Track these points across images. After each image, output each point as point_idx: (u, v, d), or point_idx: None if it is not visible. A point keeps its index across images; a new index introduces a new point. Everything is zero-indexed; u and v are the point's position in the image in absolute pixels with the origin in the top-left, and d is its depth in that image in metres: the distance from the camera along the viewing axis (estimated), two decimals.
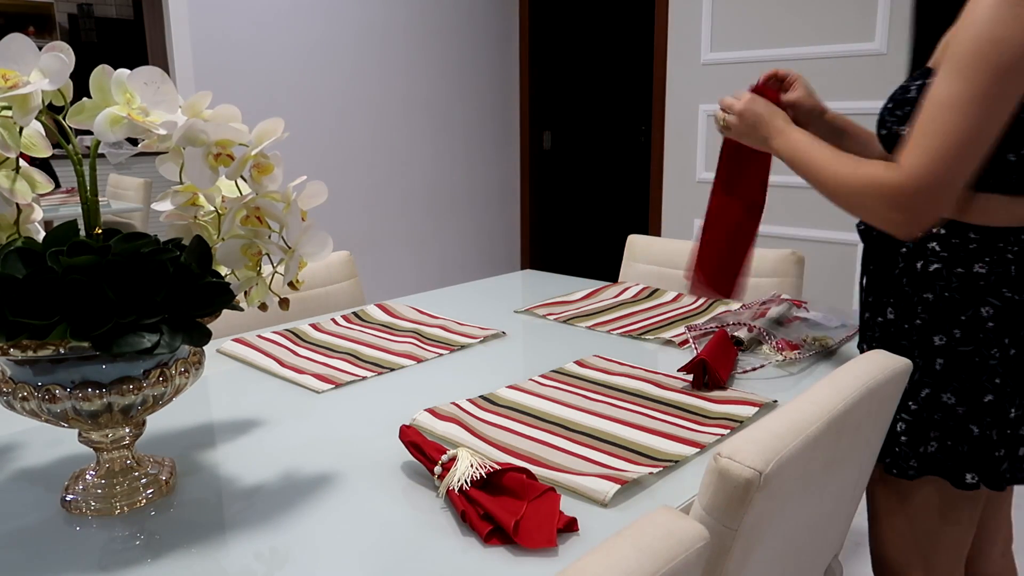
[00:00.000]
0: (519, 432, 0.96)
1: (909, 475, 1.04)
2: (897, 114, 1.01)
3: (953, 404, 0.99)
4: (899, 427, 1.04)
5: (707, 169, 3.05)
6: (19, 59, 0.70)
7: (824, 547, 1.05)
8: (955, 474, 1.01)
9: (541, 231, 4.30)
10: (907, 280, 1.03)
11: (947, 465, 1.01)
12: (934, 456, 1.02)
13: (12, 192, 0.74)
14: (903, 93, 1.01)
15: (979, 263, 0.96)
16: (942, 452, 1.01)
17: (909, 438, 1.03)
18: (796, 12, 2.72)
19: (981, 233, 0.96)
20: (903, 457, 1.04)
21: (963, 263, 0.97)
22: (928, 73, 0.99)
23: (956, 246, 0.97)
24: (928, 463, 1.02)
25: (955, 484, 1.01)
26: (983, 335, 0.97)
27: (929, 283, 1.00)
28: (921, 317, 1.01)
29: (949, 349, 0.99)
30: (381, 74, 3.43)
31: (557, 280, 1.86)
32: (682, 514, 0.60)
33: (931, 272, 1.00)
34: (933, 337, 1.00)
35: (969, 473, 1.00)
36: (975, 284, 0.97)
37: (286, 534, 0.75)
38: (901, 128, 0.99)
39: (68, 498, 0.80)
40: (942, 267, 0.99)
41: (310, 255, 0.84)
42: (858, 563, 1.90)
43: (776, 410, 0.79)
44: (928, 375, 1.01)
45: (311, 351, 1.31)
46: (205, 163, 0.75)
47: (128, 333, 0.67)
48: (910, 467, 1.04)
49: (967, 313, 0.97)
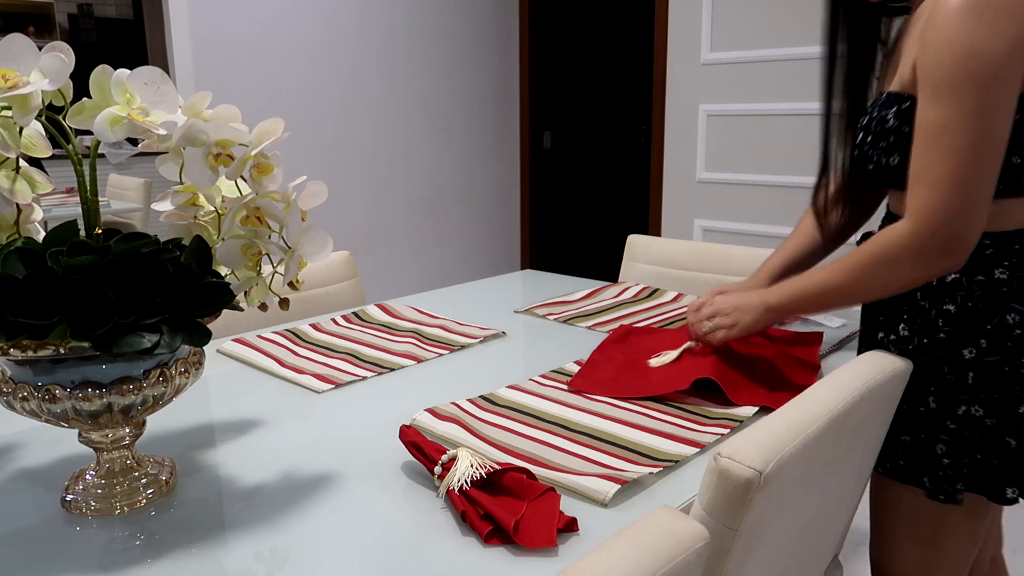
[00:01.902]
0: (519, 432, 0.96)
1: (957, 499, 0.99)
2: (881, 145, 0.97)
3: (982, 416, 0.95)
4: (939, 449, 0.99)
5: (707, 169, 3.05)
6: (19, 59, 0.70)
7: (824, 547, 1.05)
8: (994, 490, 0.97)
9: (541, 231, 4.30)
10: (921, 294, 0.99)
11: (982, 480, 0.97)
12: (971, 474, 0.98)
13: (12, 192, 0.74)
14: (881, 124, 0.97)
15: (999, 268, 0.93)
16: (974, 467, 0.97)
17: (952, 460, 0.98)
18: (796, 12, 2.72)
19: (994, 238, 0.94)
20: (947, 481, 0.99)
21: (982, 270, 0.94)
22: (898, 99, 0.96)
23: (972, 254, 0.94)
24: (968, 482, 0.98)
25: (995, 499, 0.97)
26: (1011, 343, 0.93)
27: (948, 294, 0.96)
28: (944, 331, 0.97)
29: (978, 361, 0.95)
30: (381, 74, 3.43)
31: (557, 280, 1.86)
32: (682, 514, 0.60)
33: (949, 283, 0.96)
34: (962, 351, 0.96)
35: (1010, 488, 0.96)
36: (998, 291, 0.93)
37: (286, 534, 0.75)
38: (891, 159, 0.97)
39: (68, 498, 0.80)
40: (961, 276, 0.95)
41: (310, 255, 0.84)
42: (858, 563, 1.90)
43: (776, 410, 0.79)
44: (962, 391, 0.96)
45: (311, 351, 1.31)
46: (205, 163, 0.75)
47: (128, 333, 0.67)
48: (957, 491, 0.99)
49: (992, 322, 0.94)
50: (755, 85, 2.86)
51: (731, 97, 2.94)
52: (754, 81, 2.86)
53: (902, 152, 0.95)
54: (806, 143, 2.78)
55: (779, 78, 2.80)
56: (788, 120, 2.80)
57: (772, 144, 2.86)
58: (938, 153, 0.86)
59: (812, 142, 2.75)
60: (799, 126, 2.78)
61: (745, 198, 2.96)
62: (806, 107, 2.74)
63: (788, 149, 2.83)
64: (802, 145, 2.79)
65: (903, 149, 0.94)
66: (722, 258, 1.77)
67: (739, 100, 2.92)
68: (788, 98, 2.79)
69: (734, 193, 2.99)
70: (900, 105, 0.95)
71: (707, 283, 1.78)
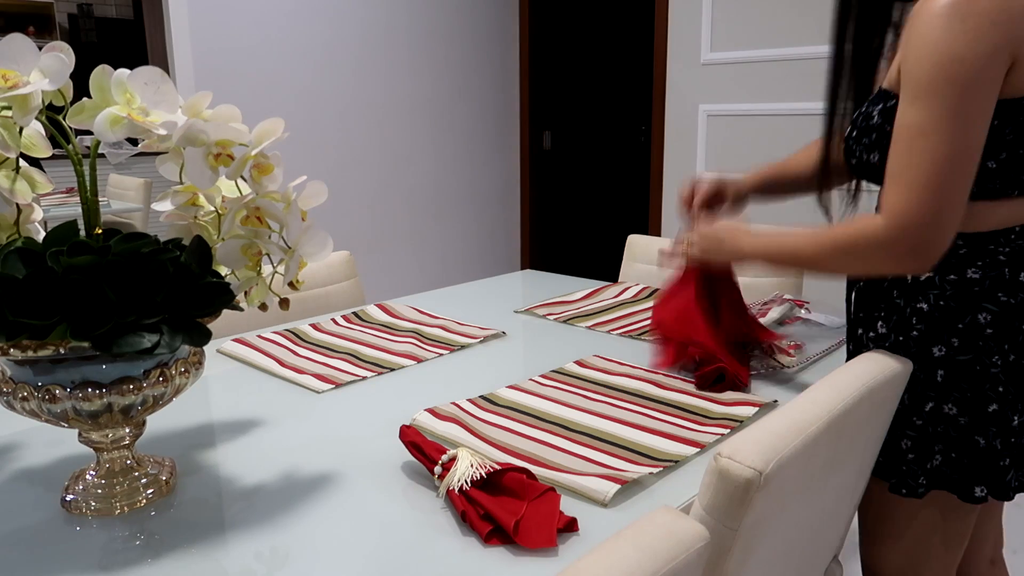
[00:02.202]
0: (519, 432, 0.96)
1: (919, 493, 1.00)
2: (864, 142, 0.98)
3: (955, 415, 0.97)
4: (904, 444, 1.01)
5: (707, 169, 3.05)
6: (19, 59, 0.70)
7: (824, 547, 1.05)
8: (963, 488, 0.98)
9: (541, 231, 4.30)
10: (898, 292, 1.01)
11: (953, 479, 0.98)
12: (939, 470, 0.99)
13: (12, 192, 0.74)
14: (866, 120, 0.98)
15: (971, 268, 0.94)
16: (947, 465, 0.98)
17: (916, 455, 1.00)
18: (796, 12, 2.72)
19: (968, 239, 0.94)
20: (911, 475, 1.01)
21: (955, 270, 0.95)
22: (884, 96, 0.96)
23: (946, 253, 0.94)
24: (935, 478, 0.99)
25: (963, 498, 0.98)
26: (982, 343, 0.94)
27: (922, 293, 0.98)
28: (917, 328, 0.98)
29: (948, 359, 0.96)
30: (381, 74, 3.43)
31: (557, 280, 1.86)
32: (682, 514, 0.60)
33: (923, 281, 0.97)
34: (932, 348, 0.97)
35: (978, 486, 0.97)
36: (970, 290, 0.94)
37: (286, 534, 0.75)
38: (871, 156, 0.97)
39: (68, 498, 0.80)
40: (934, 275, 0.96)
41: (310, 255, 0.84)
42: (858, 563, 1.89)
43: (776, 410, 0.79)
44: (931, 388, 0.98)
45: (311, 351, 1.31)
46: (205, 163, 0.75)
47: (128, 333, 0.67)
48: (919, 484, 1.00)
49: (964, 321, 0.95)
50: (755, 85, 2.86)
51: (731, 97, 2.94)
52: (754, 81, 2.86)
53: (882, 150, 0.95)
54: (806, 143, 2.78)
55: (779, 78, 2.80)
56: (788, 120, 2.80)
57: (772, 144, 2.86)
58: (915, 156, 0.86)
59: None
60: (799, 126, 2.78)
61: None
62: (806, 107, 2.74)
63: (788, 149, 2.81)
64: (802, 145, 2.79)
65: (883, 147, 0.94)
66: None
67: (739, 100, 2.92)
68: (788, 98, 2.79)
69: None
70: (886, 103, 0.95)
71: None
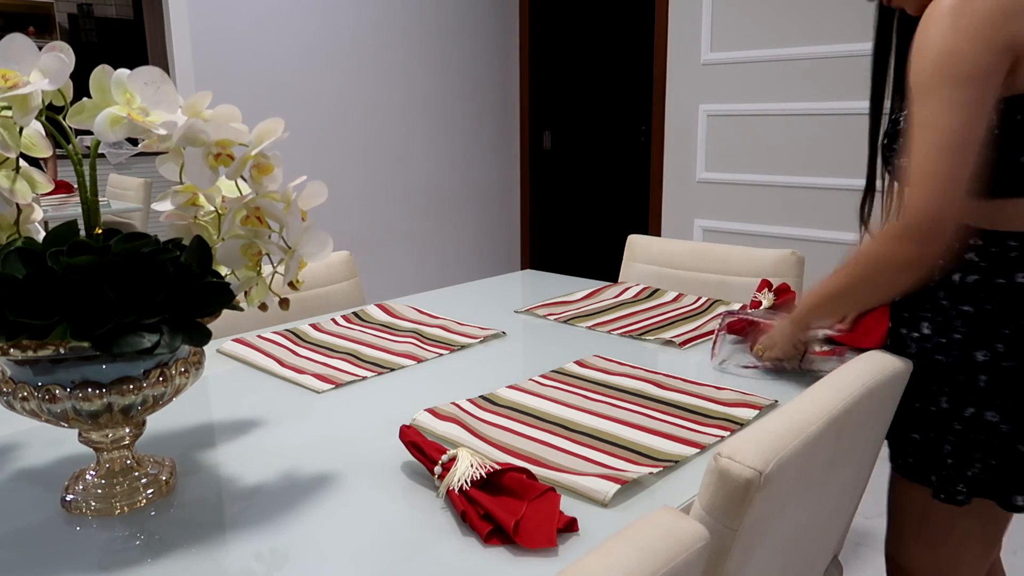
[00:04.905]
0: (519, 432, 0.96)
1: (958, 500, 0.99)
2: (894, 148, 1.03)
3: (997, 422, 0.95)
4: (946, 449, 0.99)
5: (707, 169, 3.05)
6: (19, 59, 0.70)
7: (824, 547, 1.05)
8: (1003, 496, 0.97)
9: (541, 231, 4.30)
10: (944, 293, 0.99)
11: (993, 487, 0.97)
12: (979, 477, 0.98)
13: (12, 192, 0.74)
14: (894, 127, 1.03)
15: (1020, 273, 0.93)
16: (986, 473, 0.97)
17: (955, 461, 0.99)
18: (796, 12, 2.72)
19: (1021, 240, 0.93)
20: (950, 481, 0.99)
21: (1003, 273, 0.94)
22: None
23: (995, 255, 0.94)
24: (976, 485, 0.98)
25: (1004, 506, 0.97)
26: None
27: (968, 295, 0.96)
28: (961, 331, 0.97)
29: (993, 365, 0.95)
30: (381, 74, 3.43)
31: (557, 280, 1.86)
32: (682, 514, 0.60)
33: (970, 284, 0.96)
34: (975, 353, 0.96)
35: (1019, 495, 0.96)
36: (1018, 295, 0.93)
37: (286, 534, 0.75)
38: (902, 160, 1.00)
39: (68, 498, 0.80)
40: (981, 278, 0.95)
41: (310, 255, 0.84)
42: (858, 563, 1.90)
43: (776, 410, 0.79)
44: (972, 393, 0.97)
45: (311, 351, 1.31)
46: (205, 163, 0.75)
47: (128, 333, 0.67)
48: (958, 491, 0.99)
49: (1010, 327, 0.93)
50: (755, 85, 2.86)
51: (731, 97, 2.94)
52: (754, 81, 2.86)
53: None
54: (806, 143, 2.78)
55: (779, 78, 2.80)
56: (788, 120, 2.80)
57: (772, 144, 2.86)
58: (917, 150, 0.89)
59: (812, 142, 2.75)
60: (799, 126, 2.78)
61: (745, 198, 2.96)
62: (806, 107, 2.74)
63: (788, 149, 2.83)
64: (802, 145, 2.79)
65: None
66: (722, 258, 1.77)
67: (739, 100, 2.92)
68: (788, 98, 2.79)
69: (734, 193, 2.99)
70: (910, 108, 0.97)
71: (706, 283, 1.78)
